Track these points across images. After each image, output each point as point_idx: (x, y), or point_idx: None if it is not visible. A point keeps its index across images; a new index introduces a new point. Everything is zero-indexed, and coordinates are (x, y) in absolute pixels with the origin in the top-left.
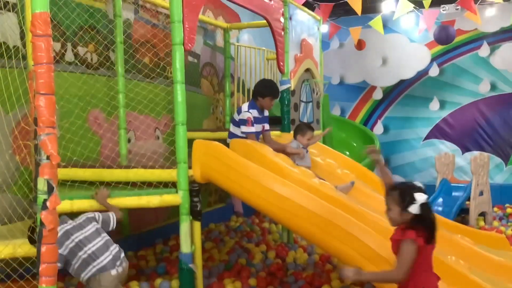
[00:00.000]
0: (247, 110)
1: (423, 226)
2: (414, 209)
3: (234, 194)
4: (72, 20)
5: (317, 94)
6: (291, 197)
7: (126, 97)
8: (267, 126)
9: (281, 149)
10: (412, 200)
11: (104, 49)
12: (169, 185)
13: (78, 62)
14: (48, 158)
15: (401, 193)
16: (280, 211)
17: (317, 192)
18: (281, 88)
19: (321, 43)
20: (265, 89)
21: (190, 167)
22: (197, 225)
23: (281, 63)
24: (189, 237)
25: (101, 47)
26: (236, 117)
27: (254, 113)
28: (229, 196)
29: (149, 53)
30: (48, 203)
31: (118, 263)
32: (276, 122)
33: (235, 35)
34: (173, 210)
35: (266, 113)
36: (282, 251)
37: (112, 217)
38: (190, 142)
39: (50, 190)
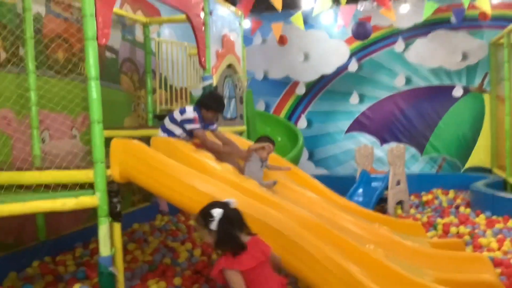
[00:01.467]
0: (192, 111)
1: (228, 245)
2: (213, 226)
3: (156, 193)
4: None
5: (240, 89)
6: (213, 194)
7: (38, 95)
8: (213, 127)
9: (230, 150)
10: (210, 217)
11: (12, 44)
12: (86, 186)
13: None
14: None
15: (201, 214)
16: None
17: (240, 187)
18: (203, 84)
19: (244, 39)
20: (212, 103)
21: (108, 167)
22: (117, 226)
23: (203, 59)
24: (109, 239)
25: (9, 43)
26: (178, 116)
27: (196, 114)
28: (154, 195)
29: (62, 48)
30: None
31: None
32: None
33: (156, 30)
34: (94, 212)
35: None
36: (208, 249)
37: None
38: (110, 141)
39: None
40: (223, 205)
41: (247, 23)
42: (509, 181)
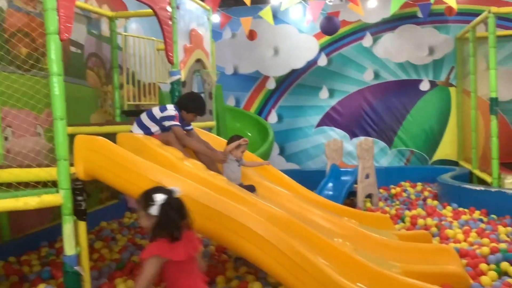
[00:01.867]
0: (173, 109)
1: (167, 231)
2: (154, 210)
3: (122, 191)
4: None
5: (209, 85)
6: (182, 191)
7: None
8: (189, 127)
9: (206, 151)
10: (151, 201)
11: None
12: (50, 185)
13: None
14: None
15: (143, 196)
16: None
17: (209, 184)
18: (171, 79)
19: (213, 33)
20: (192, 104)
21: (72, 164)
22: (82, 225)
23: (170, 54)
24: (73, 238)
25: None
26: (158, 113)
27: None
28: (122, 192)
29: (24, 43)
30: None
31: None
32: None
33: (122, 24)
34: (59, 211)
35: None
36: None
37: None
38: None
39: None
40: (167, 191)
41: (216, 18)
42: (475, 173)
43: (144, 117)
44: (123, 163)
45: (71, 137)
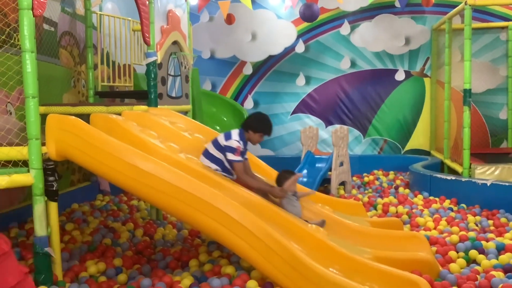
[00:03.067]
0: (237, 139)
1: None
2: None
3: (94, 172)
4: None
5: (185, 67)
6: (155, 172)
7: None
8: (246, 156)
9: (264, 188)
10: None
11: None
12: (20, 164)
13: None
14: None
15: None
16: (144, 187)
17: (184, 167)
18: (147, 60)
19: (190, 16)
20: (260, 124)
21: (44, 144)
22: (54, 206)
23: (146, 35)
24: (44, 219)
25: None
26: (222, 141)
27: (242, 144)
28: (94, 174)
29: None
30: None
31: None
32: (142, 96)
33: (98, 3)
34: (30, 191)
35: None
36: (150, 229)
37: None
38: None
39: None
40: None
41: (193, 0)
42: (446, 163)
43: (210, 146)
44: (96, 144)
45: (43, 117)
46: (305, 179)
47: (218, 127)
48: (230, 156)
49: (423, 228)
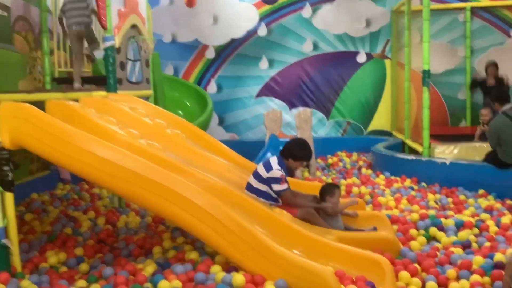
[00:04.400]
0: (278, 168)
1: None
2: None
3: (52, 161)
4: None
5: (145, 52)
6: (114, 160)
7: None
8: None
9: (316, 207)
10: None
11: None
12: None
13: None
14: None
15: None
16: (104, 175)
17: (145, 153)
18: (105, 45)
19: None
20: (301, 152)
21: None
22: (10, 196)
23: (103, 18)
24: (0, 210)
25: None
26: (264, 173)
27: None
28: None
29: None
30: None
31: None
32: (101, 82)
33: None
34: None
35: None
36: (112, 217)
37: None
38: None
39: None
40: None
41: None
42: (407, 143)
43: (253, 180)
44: (51, 131)
45: None
46: None
47: (181, 112)
48: (277, 187)
49: (384, 208)
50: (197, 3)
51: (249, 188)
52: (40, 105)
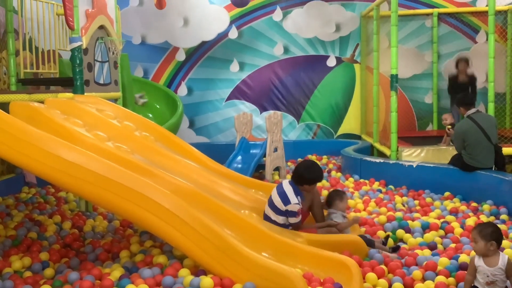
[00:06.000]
0: (297, 201)
1: None
2: None
3: (15, 163)
4: None
5: (113, 53)
6: (80, 162)
7: None
8: None
9: (330, 228)
10: None
11: None
12: None
13: None
14: None
15: None
16: (69, 178)
17: (112, 156)
18: (71, 46)
19: (118, 0)
20: (312, 174)
21: None
22: None
23: (70, 19)
24: None
25: None
26: (281, 206)
27: (299, 201)
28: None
29: None
30: None
31: None
32: (68, 83)
33: None
34: None
35: None
36: (79, 221)
37: None
38: None
39: None
40: None
41: None
42: (376, 147)
43: (270, 212)
44: (14, 133)
45: None
46: (239, 165)
47: (150, 115)
48: (293, 220)
49: (353, 210)
50: (167, 5)
51: (267, 218)
52: (5, 106)
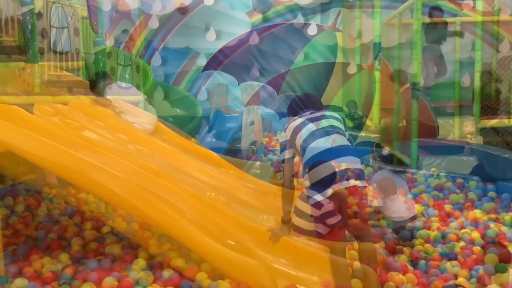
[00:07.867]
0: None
1: None
2: None
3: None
4: None
5: (72, 18)
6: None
7: None
8: None
9: None
10: None
11: None
12: None
13: None
14: None
15: None
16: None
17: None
18: (21, 10)
19: None
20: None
21: None
22: None
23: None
24: None
25: None
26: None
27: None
28: None
29: None
30: None
31: None
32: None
33: None
34: None
35: None
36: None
37: None
38: None
39: None
40: None
41: None
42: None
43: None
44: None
45: None
46: (213, 140)
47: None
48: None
49: None
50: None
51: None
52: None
